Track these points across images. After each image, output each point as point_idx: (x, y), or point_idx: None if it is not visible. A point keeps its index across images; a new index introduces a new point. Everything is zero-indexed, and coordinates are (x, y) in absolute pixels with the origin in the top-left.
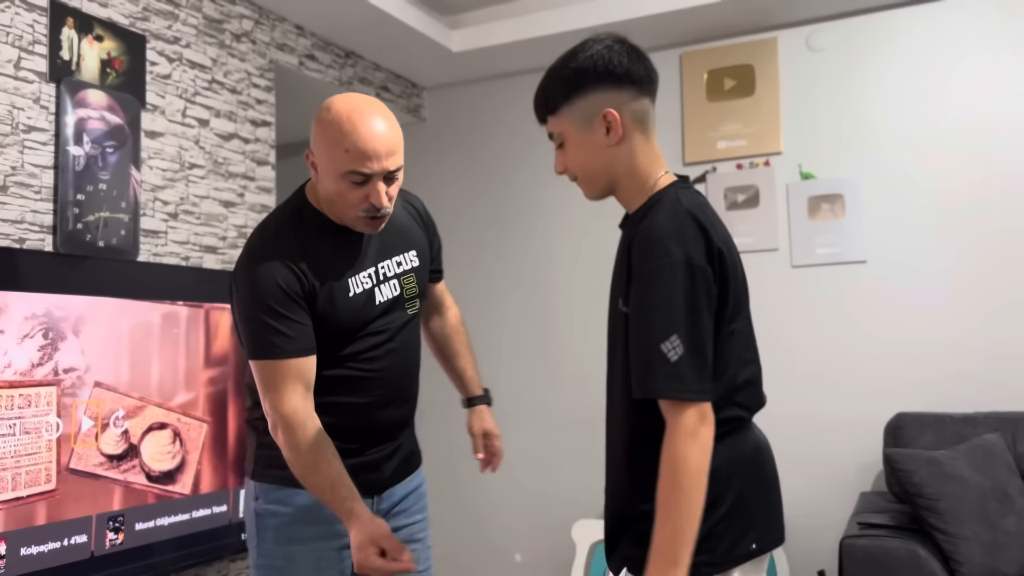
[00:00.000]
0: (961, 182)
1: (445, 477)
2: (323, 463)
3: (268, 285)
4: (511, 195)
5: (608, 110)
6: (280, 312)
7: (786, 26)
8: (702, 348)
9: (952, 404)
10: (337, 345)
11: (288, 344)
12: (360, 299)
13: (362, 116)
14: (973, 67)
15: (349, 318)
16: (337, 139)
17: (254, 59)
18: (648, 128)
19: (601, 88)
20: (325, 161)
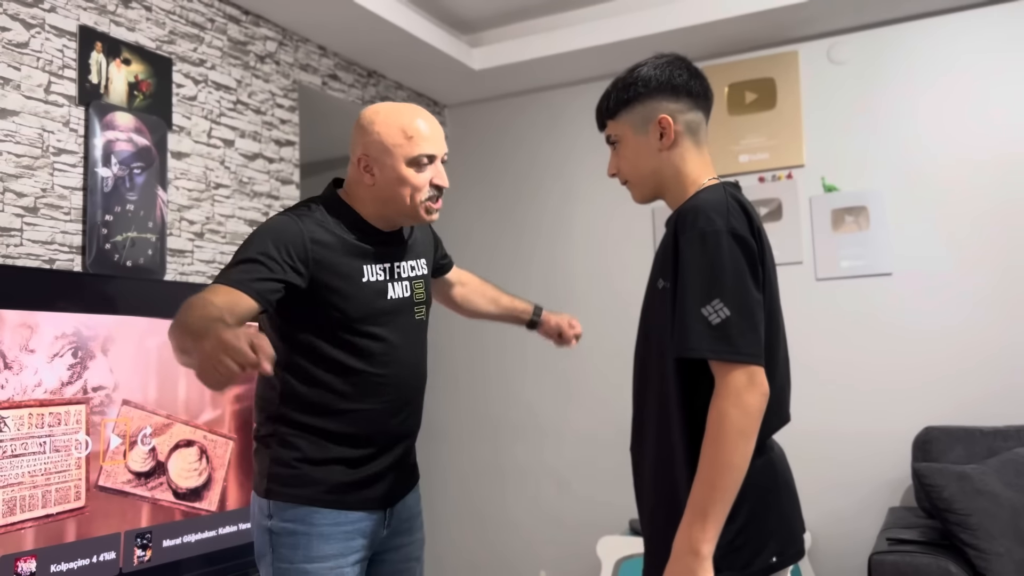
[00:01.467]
0: (987, 192)
1: (470, 495)
2: (209, 307)
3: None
4: (533, 212)
5: (663, 116)
6: (260, 253)
7: (807, 39)
8: (750, 312)
9: (982, 418)
10: (349, 337)
11: (249, 280)
12: (372, 287)
13: (413, 110)
14: (996, 77)
15: (359, 301)
16: (398, 131)
17: (278, 80)
18: (700, 139)
19: (660, 96)
20: (387, 156)
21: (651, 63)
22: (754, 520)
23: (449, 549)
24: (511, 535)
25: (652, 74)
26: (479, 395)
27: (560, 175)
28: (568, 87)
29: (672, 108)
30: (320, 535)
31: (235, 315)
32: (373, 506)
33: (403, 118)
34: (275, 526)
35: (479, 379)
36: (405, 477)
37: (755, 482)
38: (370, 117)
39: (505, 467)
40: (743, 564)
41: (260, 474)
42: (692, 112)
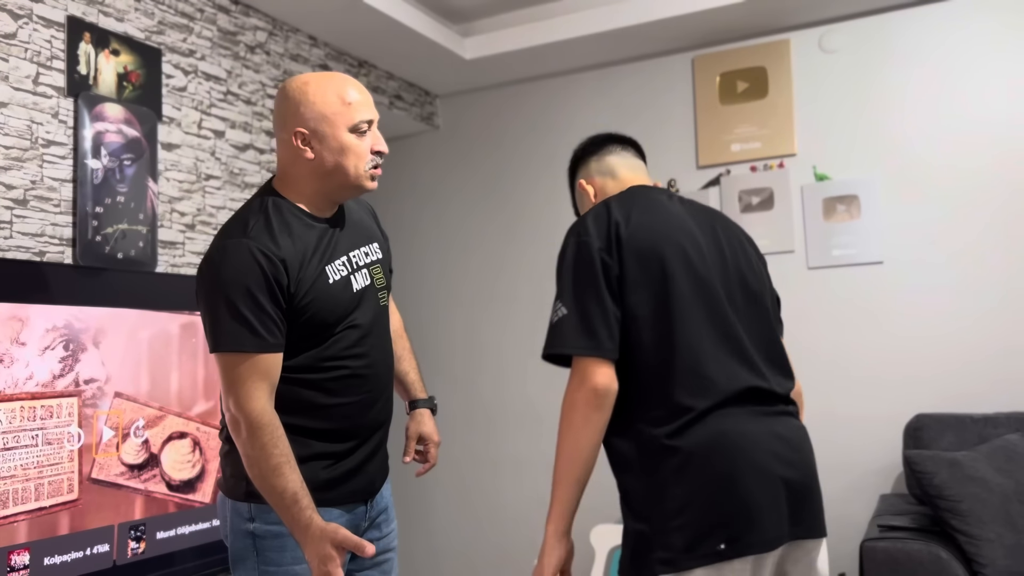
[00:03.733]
0: (978, 181)
1: (464, 485)
2: (288, 468)
3: (248, 271)
4: (525, 201)
5: (580, 181)
6: (257, 302)
7: (798, 28)
8: (586, 311)
9: (972, 405)
10: (324, 340)
11: (259, 338)
12: (339, 286)
13: (342, 77)
14: (988, 66)
15: (332, 306)
16: (334, 99)
17: (268, 70)
18: (615, 171)
19: (577, 173)
20: (326, 126)
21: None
22: (693, 504)
23: (444, 539)
24: (506, 525)
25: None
26: (473, 385)
27: (552, 165)
28: (561, 76)
29: (586, 173)
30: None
31: (274, 384)
32: (356, 499)
33: (336, 84)
34: (259, 529)
35: (474, 369)
36: (381, 466)
37: (697, 465)
38: (299, 87)
39: (499, 457)
40: (683, 547)
41: (234, 476)
42: (596, 162)
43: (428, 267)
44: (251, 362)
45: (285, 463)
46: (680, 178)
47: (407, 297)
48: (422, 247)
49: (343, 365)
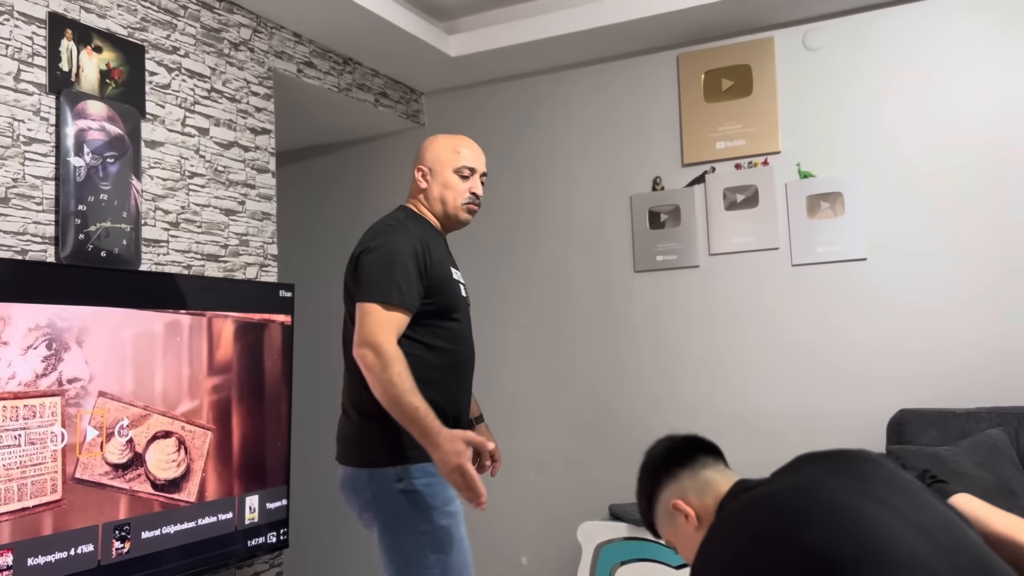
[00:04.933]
0: (960, 178)
1: None
2: (418, 392)
3: (408, 245)
4: (512, 199)
5: (675, 502)
6: (407, 271)
7: (782, 26)
8: None
9: (955, 400)
10: (445, 320)
11: (406, 297)
12: (457, 284)
13: (460, 136)
14: (971, 63)
15: (454, 295)
16: (450, 147)
17: (253, 67)
18: (715, 487)
19: (661, 487)
20: (440, 165)
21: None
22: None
23: None
24: (492, 522)
25: (645, 473)
26: None
27: (538, 162)
28: (546, 74)
29: (679, 491)
30: (443, 482)
31: (400, 336)
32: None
33: (453, 140)
34: (409, 485)
35: None
36: None
37: None
38: (430, 138)
39: None
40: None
41: (375, 448)
42: (691, 479)
43: None
44: (393, 313)
45: (415, 387)
46: (665, 176)
47: None
48: None
49: (450, 349)
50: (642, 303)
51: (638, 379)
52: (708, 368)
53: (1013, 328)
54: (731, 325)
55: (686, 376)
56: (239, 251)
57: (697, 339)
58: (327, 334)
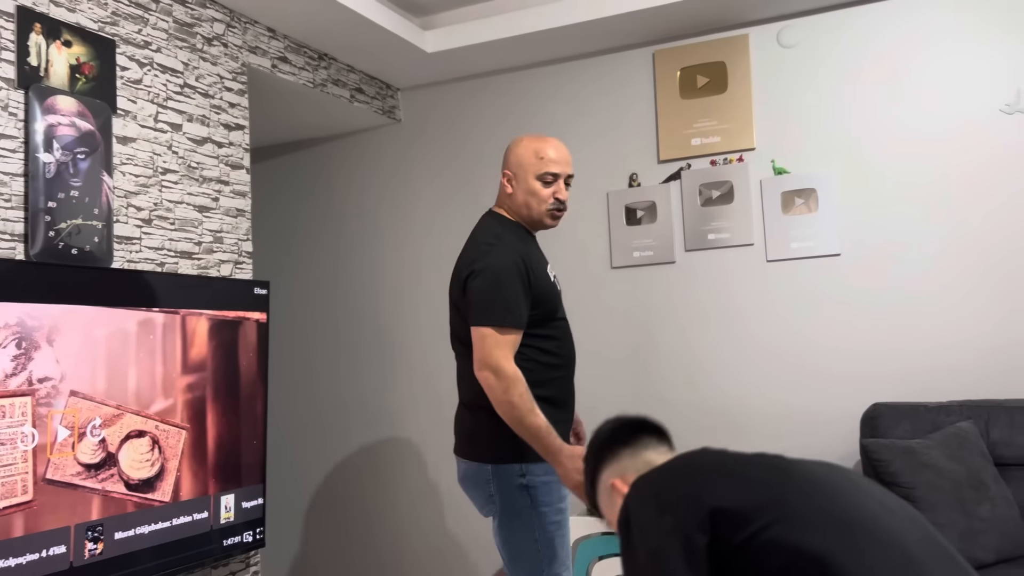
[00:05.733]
0: (932, 174)
1: (429, 479)
2: (538, 410)
3: (511, 264)
4: (488, 195)
5: (613, 482)
6: (511, 292)
7: (757, 23)
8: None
9: (927, 394)
10: (550, 322)
11: (518, 318)
12: (553, 283)
13: (545, 138)
14: (944, 61)
15: (551, 295)
16: (532, 152)
17: (226, 62)
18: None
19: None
20: (524, 170)
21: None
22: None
23: (410, 533)
24: (473, 519)
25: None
26: (437, 378)
27: None
28: (523, 70)
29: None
30: (559, 482)
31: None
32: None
33: (537, 144)
34: (532, 481)
35: (436, 363)
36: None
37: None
38: (515, 142)
39: None
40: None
41: (499, 444)
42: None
43: (390, 260)
44: (508, 335)
45: (535, 406)
46: (641, 172)
47: (371, 290)
48: (384, 240)
49: (563, 346)
50: (619, 299)
51: (614, 375)
52: (684, 363)
53: (984, 323)
54: (707, 321)
55: (662, 371)
56: (213, 248)
57: (673, 335)
58: (302, 331)
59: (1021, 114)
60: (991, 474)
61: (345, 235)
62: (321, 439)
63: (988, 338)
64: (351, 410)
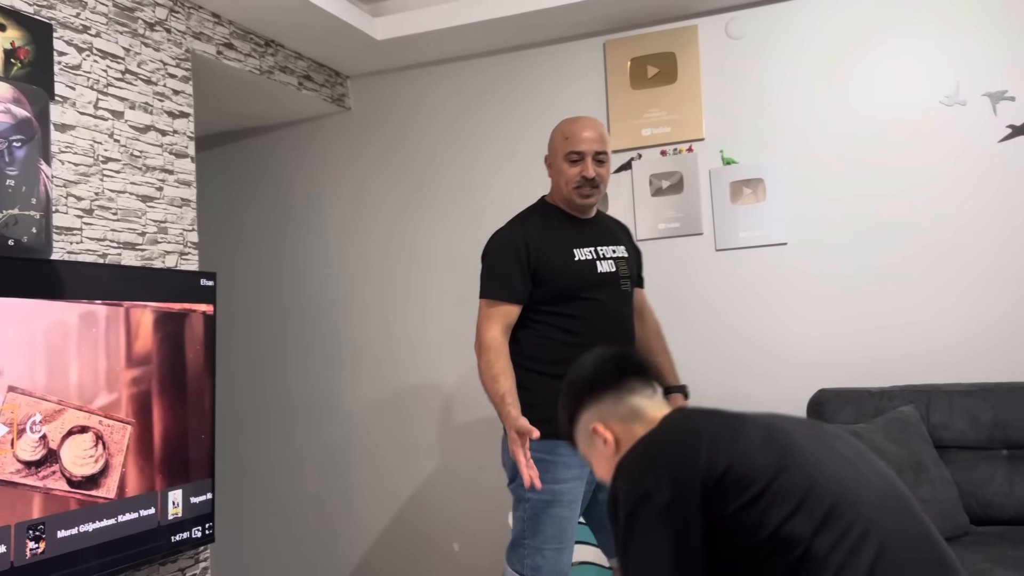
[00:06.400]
0: (876, 165)
1: (384, 471)
2: (503, 378)
3: (500, 249)
4: (440, 184)
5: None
6: (502, 267)
7: (706, 14)
8: None
9: (870, 379)
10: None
11: (510, 292)
12: (582, 265)
13: (577, 118)
14: (887, 53)
15: (573, 277)
16: (561, 134)
17: (169, 48)
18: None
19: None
20: (555, 153)
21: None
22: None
23: (364, 525)
24: (426, 509)
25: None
26: (389, 369)
27: (467, 148)
28: (474, 59)
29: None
30: (563, 463)
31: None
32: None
33: (566, 124)
34: (532, 456)
35: (388, 353)
36: None
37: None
38: (554, 128)
39: (418, 440)
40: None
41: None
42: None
43: (341, 249)
44: (493, 306)
45: (501, 374)
46: None
47: (321, 281)
48: (335, 229)
49: (587, 325)
50: None
51: None
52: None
53: (925, 310)
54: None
55: None
56: (157, 239)
57: None
58: (252, 323)
59: (960, 106)
60: (931, 456)
61: (294, 225)
62: (272, 432)
63: (929, 324)
64: (302, 402)
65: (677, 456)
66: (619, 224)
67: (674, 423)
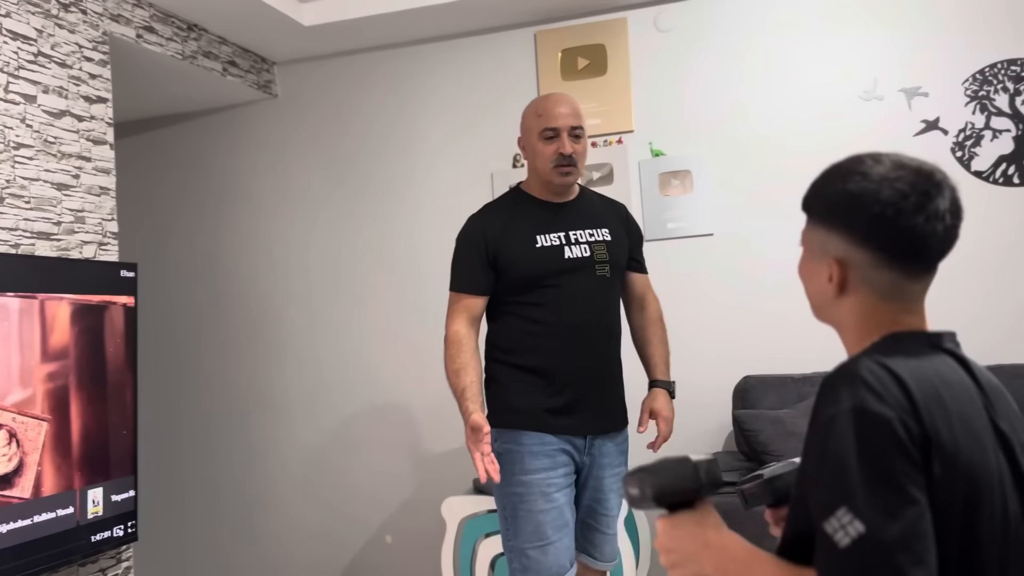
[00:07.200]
0: (798, 157)
1: (315, 464)
2: (464, 373)
3: (461, 241)
4: (369, 173)
5: (836, 258)
6: (463, 260)
7: (635, 7)
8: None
9: (793, 365)
10: (532, 290)
11: (462, 283)
12: (546, 251)
13: (549, 95)
14: (814, 46)
15: (534, 264)
16: (533, 111)
17: (86, 31)
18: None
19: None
20: (527, 133)
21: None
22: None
23: (296, 519)
24: (358, 502)
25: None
26: (318, 364)
27: (398, 137)
28: (405, 47)
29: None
30: (531, 453)
31: (474, 317)
32: (570, 432)
33: (538, 102)
34: (500, 448)
35: (318, 347)
36: (606, 414)
37: None
38: (525, 107)
39: (350, 434)
40: None
41: (490, 406)
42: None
43: (268, 239)
44: (457, 298)
45: (462, 369)
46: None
47: (249, 271)
48: (263, 219)
49: (553, 313)
50: None
51: None
52: None
53: None
54: None
55: None
56: (74, 228)
57: None
58: (177, 315)
59: (878, 101)
60: None
61: (221, 214)
62: (200, 427)
63: None
64: (231, 396)
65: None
66: (612, 204)
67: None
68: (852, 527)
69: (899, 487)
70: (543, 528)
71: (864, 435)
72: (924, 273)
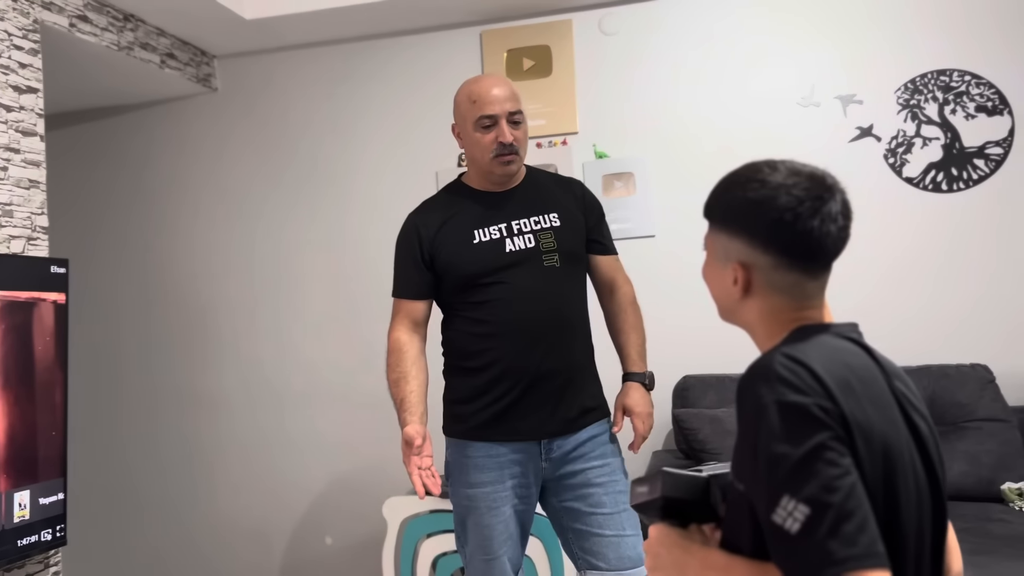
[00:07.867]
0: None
1: (254, 463)
2: (404, 383)
3: (398, 243)
4: (310, 170)
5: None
6: (400, 263)
7: (580, 9)
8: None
9: (731, 365)
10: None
11: (400, 288)
12: (485, 247)
13: (481, 77)
14: (750, 54)
15: (473, 262)
16: (466, 97)
17: (15, 18)
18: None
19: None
20: (462, 121)
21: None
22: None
23: (234, 519)
24: (297, 503)
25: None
26: (256, 361)
27: (341, 134)
28: (349, 43)
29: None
30: (477, 466)
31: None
32: (522, 438)
33: (470, 85)
34: (449, 457)
35: (257, 344)
36: (561, 414)
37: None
38: (458, 90)
39: (290, 434)
40: None
41: (445, 415)
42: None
43: (205, 236)
44: (397, 304)
45: (402, 378)
46: None
47: (187, 268)
48: (200, 215)
49: (497, 312)
50: None
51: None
52: None
53: None
54: None
55: None
56: (2, 223)
57: None
58: (112, 313)
59: (815, 107)
60: None
61: (157, 210)
62: (133, 428)
63: None
64: (166, 396)
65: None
66: (565, 183)
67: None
68: (798, 511)
69: (830, 462)
70: (489, 542)
71: (789, 424)
72: (822, 271)
